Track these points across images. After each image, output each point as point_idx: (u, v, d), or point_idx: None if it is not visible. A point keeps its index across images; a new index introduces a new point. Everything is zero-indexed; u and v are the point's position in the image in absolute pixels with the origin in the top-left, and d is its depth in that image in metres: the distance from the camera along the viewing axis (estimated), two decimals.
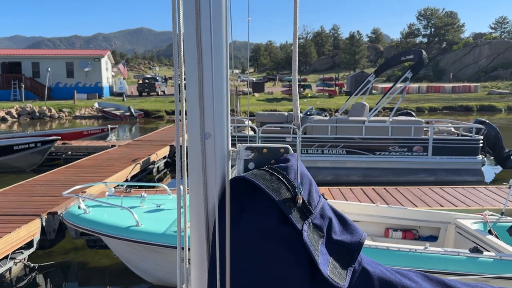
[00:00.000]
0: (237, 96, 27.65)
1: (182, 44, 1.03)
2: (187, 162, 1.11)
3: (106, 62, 40.90)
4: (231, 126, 8.16)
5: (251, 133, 10.99)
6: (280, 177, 1.05)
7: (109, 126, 16.69)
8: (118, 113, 29.71)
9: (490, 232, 4.58)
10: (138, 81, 51.35)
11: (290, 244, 0.97)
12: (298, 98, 1.11)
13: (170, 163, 13.65)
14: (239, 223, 1.01)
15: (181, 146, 1.13)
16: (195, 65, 1.02)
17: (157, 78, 47.69)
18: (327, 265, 0.96)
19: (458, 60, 67.93)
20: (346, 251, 1.02)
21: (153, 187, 8.52)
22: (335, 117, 11.10)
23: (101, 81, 38.99)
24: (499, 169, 12.34)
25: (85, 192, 7.18)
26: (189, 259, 1.21)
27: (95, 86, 38.56)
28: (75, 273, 6.39)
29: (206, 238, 1.11)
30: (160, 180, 12.24)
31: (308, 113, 12.69)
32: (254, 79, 67.95)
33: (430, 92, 42.98)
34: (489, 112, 33.13)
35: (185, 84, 1.06)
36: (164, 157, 13.13)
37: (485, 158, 10.87)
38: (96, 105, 31.95)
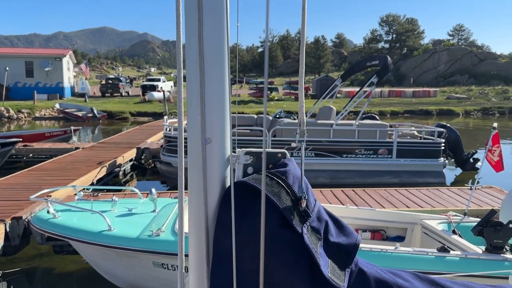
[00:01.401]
0: None
1: (181, 50, 1.04)
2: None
3: (67, 62, 39.71)
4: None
5: None
6: (280, 181, 1.07)
7: (72, 127, 16.22)
8: (80, 114, 28.89)
9: (454, 232, 4.79)
10: (101, 81, 50.21)
11: (291, 247, 0.99)
12: (304, 104, 1.14)
13: (137, 166, 13.41)
14: (240, 227, 1.02)
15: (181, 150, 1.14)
16: (196, 70, 1.03)
17: (121, 78, 46.82)
18: (327, 267, 0.99)
19: (418, 65, 70.33)
20: (343, 253, 1.05)
21: (120, 190, 8.37)
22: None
23: (63, 81, 37.82)
24: (459, 171, 12.88)
25: (50, 196, 6.95)
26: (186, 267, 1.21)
27: (56, 87, 37.33)
28: (41, 280, 6.19)
29: (206, 243, 1.11)
30: (127, 183, 12.00)
31: (278, 116, 12.81)
32: None
33: (391, 96, 44.27)
34: (447, 116, 34.44)
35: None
36: (130, 160, 12.88)
37: (446, 161, 11.31)
38: (57, 106, 30.95)
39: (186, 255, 1.23)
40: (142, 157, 13.66)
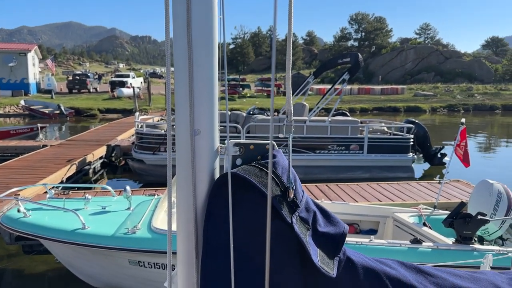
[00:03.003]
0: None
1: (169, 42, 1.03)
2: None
3: (33, 57, 38.46)
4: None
5: None
6: (269, 172, 1.07)
7: (39, 125, 15.76)
8: (47, 111, 28.07)
9: (424, 224, 4.95)
10: (68, 77, 48.86)
11: (282, 237, 1.00)
12: (291, 95, 1.15)
13: (107, 164, 13.16)
14: (227, 222, 1.02)
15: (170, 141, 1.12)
16: (185, 61, 1.01)
17: (89, 74, 45.67)
18: (317, 256, 1.01)
19: (386, 63, 71.84)
20: (332, 242, 1.07)
21: (91, 188, 8.18)
22: (277, 116, 11.32)
23: (28, 77, 36.63)
24: (427, 166, 13.26)
25: (18, 195, 6.74)
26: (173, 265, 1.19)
27: (20, 83, 36.12)
28: (10, 282, 6.00)
29: (195, 235, 1.09)
30: (97, 181, 11.76)
31: (251, 113, 12.82)
32: None
33: (361, 93, 45.05)
34: (415, 113, 35.36)
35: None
36: (100, 158, 12.64)
37: (415, 156, 11.63)
38: (22, 102, 29.97)
39: (174, 253, 1.20)
40: (113, 154, 13.42)
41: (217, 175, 1.09)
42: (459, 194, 7.67)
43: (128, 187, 5.16)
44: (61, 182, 9.20)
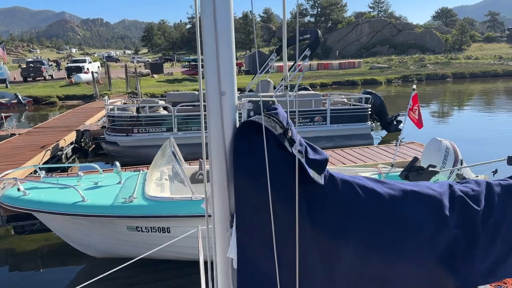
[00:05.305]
0: (137, 78, 27.01)
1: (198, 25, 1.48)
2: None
3: None
4: (147, 108, 8.29)
5: (165, 112, 11.25)
6: (274, 119, 1.59)
7: (3, 114, 15.56)
8: (4, 101, 27.15)
9: None
10: (20, 65, 46.98)
11: (287, 161, 1.54)
12: (287, 62, 1.66)
13: (78, 149, 13.27)
14: (251, 154, 1.54)
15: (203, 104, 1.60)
16: (213, 40, 1.47)
17: (43, 61, 44.07)
18: (310, 172, 1.57)
19: (343, 38, 73.17)
20: (319, 165, 1.62)
21: (69, 168, 8.45)
22: (245, 94, 11.81)
23: None
24: (384, 133, 14.21)
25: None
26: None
27: None
28: (3, 261, 6.29)
29: (225, 165, 1.54)
30: (69, 167, 11.90)
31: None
32: (149, 60, 65.94)
33: (320, 69, 45.98)
34: (371, 85, 36.60)
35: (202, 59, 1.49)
36: (71, 143, 12.75)
37: (373, 124, 12.47)
38: None
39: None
40: (82, 139, 13.53)
41: (237, 123, 1.59)
42: (413, 153, 8.52)
43: (117, 163, 5.60)
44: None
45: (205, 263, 2.61)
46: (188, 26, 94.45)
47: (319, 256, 1.53)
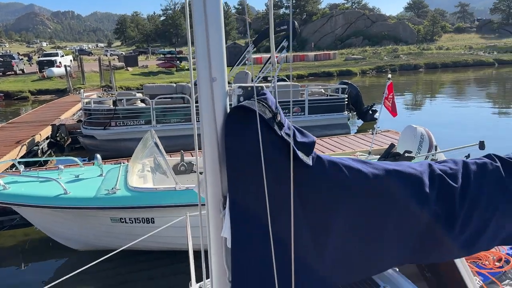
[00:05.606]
0: (112, 71, 26.59)
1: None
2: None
3: None
4: (124, 101, 8.24)
5: (142, 105, 11.17)
6: (263, 104, 1.67)
7: None
8: None
9: None
10: None
11: (277, 144, 1.62)
12: (274, 49, 1.74)
13: (54, 143, 13.04)
14: (243, 136, 1.61)
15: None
16: (203, 28, 1.52)
17: (13, 55, 42.83)
18: (300, 153, 1.66)
19: (318, 30, 73.54)
20: (307, 147, 1.70)
21: (46, 162, 8.33)
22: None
23: None
24: (360, 122, 14.48)
25: None
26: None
27: None
28: None
29: (217, 149, 1.60)
30: (47, 162, 11.72)
31: (196, 84, 13.15)
32: (123, 52, 64.80)
33: (296, 61, 46.13)
34: (347, 76, 37.06)
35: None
36: (47, 138, 12.53)
37: (350, 114, 12.70)
38: None
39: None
40: (57, 134, 13.30)
41: (228, 109, 1.66)
42: (389, 141, 8.71)
43: (98, 156, 5.58)
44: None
45: (194, 250, 2.67)
46: (162, 18, 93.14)
47: (309, 233, 1.61)
